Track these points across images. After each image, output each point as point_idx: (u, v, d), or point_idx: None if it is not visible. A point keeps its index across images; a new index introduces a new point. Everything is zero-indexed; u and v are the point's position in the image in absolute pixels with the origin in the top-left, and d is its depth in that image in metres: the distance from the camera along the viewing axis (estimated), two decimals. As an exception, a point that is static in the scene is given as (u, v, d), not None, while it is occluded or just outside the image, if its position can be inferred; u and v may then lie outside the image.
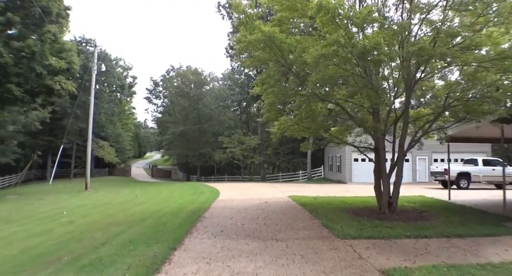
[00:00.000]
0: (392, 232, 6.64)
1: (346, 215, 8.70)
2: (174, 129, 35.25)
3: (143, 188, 21.54)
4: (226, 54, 37.05)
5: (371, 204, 10.73)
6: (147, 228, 7.19)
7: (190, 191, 16.84)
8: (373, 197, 12.79)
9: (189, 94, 35.19)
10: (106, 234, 6.87)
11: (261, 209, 9.81)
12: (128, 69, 53.53)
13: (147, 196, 15.88)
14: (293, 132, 10.29)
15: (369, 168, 23.49)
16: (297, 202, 11.26)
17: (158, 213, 9.47)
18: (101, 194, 18.51)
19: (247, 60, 7.63)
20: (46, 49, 18.64)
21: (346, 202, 11.22)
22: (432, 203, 11.49)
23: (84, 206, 12.52)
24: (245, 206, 10.48)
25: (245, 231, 6.77)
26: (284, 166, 40.01)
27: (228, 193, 15.04)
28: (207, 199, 12.66)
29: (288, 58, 7.04)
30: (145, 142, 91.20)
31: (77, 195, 18.76)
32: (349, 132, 11.03)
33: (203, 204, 11.06)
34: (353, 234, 6.42)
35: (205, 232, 6.67)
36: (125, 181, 34.91)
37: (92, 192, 21.06)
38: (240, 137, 33.14)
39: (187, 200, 12.77)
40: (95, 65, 23.86)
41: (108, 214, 10.01)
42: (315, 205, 10.29)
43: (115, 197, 15.96)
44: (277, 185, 23.07)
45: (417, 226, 7.33)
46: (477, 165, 18.77)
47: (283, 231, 6.82)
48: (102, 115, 43.25)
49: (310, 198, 12.30)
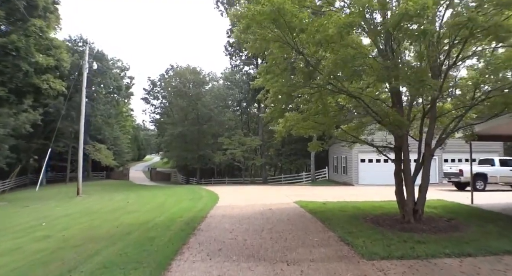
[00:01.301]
0: (427, 249, 5.43)
1: (365, 225, 7.50)
2: (172, 130, 34.03)
3: (138, 193, 20.33)
4: (225, 52, 35.95)
5: (389, 210, 9.52)
6: (130, 246, 5.98)
7: (187, 196, 15.63)
8: (388, 202, 11.63)
9: (187, 94, 33.95)
10: (80, 254, 5.67)
11: (266, 218, 8.60)
12: (125, 69, 52.42)
13: (140, 202, 14.67)
14: (300, 129, 9.11)
15: (377, 170, 22.47)
16: (305, 208, 10.04)
17: (147, 224, 8.26)
18: (93, 200, 17.31)
19: (250, 41, 6.40)
20: (32, 45, 17.52)
21: (359, 208, 10.01)
22: (455, 209, 10.28)
23: (68, 216, 11.32)
24: (247, 214, 9.27)
25: (248, 249, 5.56)
26: (287, 168, 38.78)
27: (228, 198, 13.84)
28: (205, 205, 11.46)
29: (299, 39, 5.84)
30: (144, 144, 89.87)
31: (67, 202, 17.58)
32: (362, 130, 9.82)
33: (200, 212, 9.85)
34: (381, 252, 5.22)
35: (198, 251, 5.45)
36: (122, 185, 33.68)
37: (84, 197, 19.88)
38: (240, 138, 31.91)
39: (183, 207, 11.57)
40: (87, 63, 22.68)
41: (91, 225, 8.81)
42: (326, 213, 9.08)
43: (106, 204, 14.76)
44: (280, 188, 21.86)
45: (452, 239, 6.13)
46: (494, 165, 17.58)
47: (294, 248, 5.61)
48: (98, 117, 42.03)
49: (318, 203, 11.09)
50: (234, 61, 36.64)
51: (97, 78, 41.09)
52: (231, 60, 36.77)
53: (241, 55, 35.41)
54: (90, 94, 41.17)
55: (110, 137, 47.46)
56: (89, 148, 41.12)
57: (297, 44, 5.85)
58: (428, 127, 7.57)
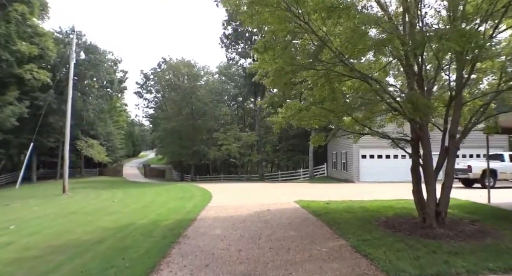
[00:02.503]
0: (465, 262, 4.36)
1: (379, 230, 6.42)
2: (166, 125, 32.75)
3: (127, 191, 19.14)
4: (221, 44, 34.53)
5: (401, 211, 8.48)
6: (96, 259, 4.86)
7: (178, 195, 14.51)
8: (397, 201, 10.58)
9: (181, 87, 32.61)
10: (32, 271, 4.55)
11: (263, 221, 7.50)
12: (117, 62, 50.80)
13: (126, 201, 13.53)
14: (302, 120, 8.01)
15: (379, 166, 21.36)
16: (307, 209, 8.95)
17: (126, 229, 7.13)
18: (77, 199, 16.13)
19: (245, 10, 5.22)
20: (13, 32, 16.19)
21: (368, 209, 8.95)
22: (473, 209, 9.24)
23: (44, 217, 10.15)
24: (242, 216, 8.17)
25: (243, 265, 4.46)
26: (284, 164, 37.71)
27: (222, 197, 12.75)
28: (195, 206, 10.35)
29: (304, 6, 4.69)
30: (139, 140, 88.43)
31: (50, 201, 16.37)
32: (371, 120, 8.73)
33: (189, 214, 8.74)
34: (410, 269, 4.14)
35: (180, 268, 4.34)
36: (113, 182, 32.44)
37: (70, 196, 18.68)
38: (236, 133, 30.70)
39: (171, 207, 10.45)
40: (74, 53, 21.35)
41: (63, 230, 7.66)
42: (331, 215, 8.00)
43: (89, 203, 13.59)
44: (277, 185, 20.79)
45: (489, 249, 5.08)
46: (503, 161, 16.64)
47: (299, 263, 4.52)
48: (90, 111, 40.53)
49: (321, 203, 10.01)
50: (230, 53, 35.32)
51: (90, 72, 39.62)
52: (227, 53, 35.41)
53: (237, 47, 34.12)
54: (82, 88, 39.81)
55: (103, 133, 46.14)
56: (81, 143, 39.90)
57: (303, 14, 4.73)
58: (452, 117, 6.49)
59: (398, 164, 21.01)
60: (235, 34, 31.77)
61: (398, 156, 21.15)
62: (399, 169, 20.87)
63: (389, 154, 21.09)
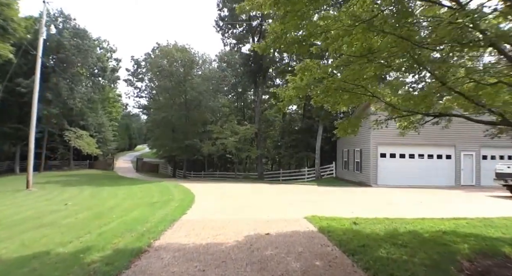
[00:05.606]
0: None
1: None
2: (156, 115, 29.51)
3: (97, 190, 15.95)
4: (216, 28, 31.04)
5: (480, 242, 5.31)
6: None
7: (152, 198, 11.34)
8: (456, 221, 7.08)
9: (174, 74, 29.26)
10: None
11: (258, 263, 4.28)
12: (111, 51, 47.65)
13: (83, 204, 10.37)
14: (328, 93, 4.90)
15: (400, 167, 17.88)
16: (328, 235, 5.69)
17: (41, 258, 4.01)
18: (31, 198, 13.02)
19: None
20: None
21: (423, 237, 5.74)
22: None
23: None
24: (222, 249, 4.94)
25: None
26: (286, 162, 34.46)
27: (206, 204, 9.58)
28: (164, 218, 7.16)
29: None
30: (136, 133, 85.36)
31: (1, 198, 13.30)
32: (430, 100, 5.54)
33: (144, 235, 5.54)
34: None
35: None
36: (96, 176, 29.35)
37: (32, 192, 15.67)
38: (233, 126, 27.40)
39: (130, 219, 7.30)
40: (43, 27, 18.20)
41: None
42: (373, 249, 4.79)
43: (35, 206, 10.44)
44: (279, 187, 17.57)
45: None
46: None
47: None
48: (77, 100, 37.33)
49: (346, 222, 6.76)
50: (226, 38, 31.88)
51: (77, 57, 36.45)
52: (223, 37, 31.99)
53: (235, 32, 30.75)
54: (69, 75, 36.83)
55: (94, 124, 43.28)
56: (69, 134, 37.07)
57: None
58: None
59: (425, 165, 17.83)
60: (231, 14, 28.35)
61: (424, 155, 17.94)
62: (426, 171, 17.68)
63: (413, 153, 17.86)
